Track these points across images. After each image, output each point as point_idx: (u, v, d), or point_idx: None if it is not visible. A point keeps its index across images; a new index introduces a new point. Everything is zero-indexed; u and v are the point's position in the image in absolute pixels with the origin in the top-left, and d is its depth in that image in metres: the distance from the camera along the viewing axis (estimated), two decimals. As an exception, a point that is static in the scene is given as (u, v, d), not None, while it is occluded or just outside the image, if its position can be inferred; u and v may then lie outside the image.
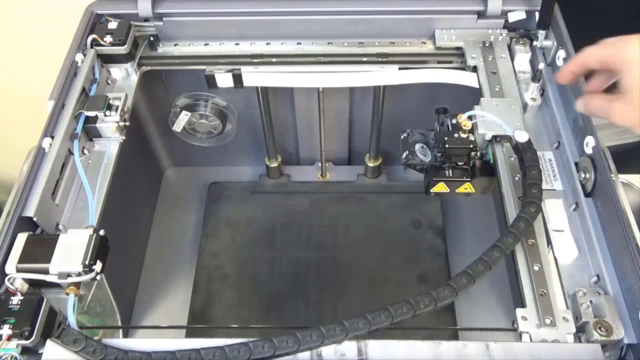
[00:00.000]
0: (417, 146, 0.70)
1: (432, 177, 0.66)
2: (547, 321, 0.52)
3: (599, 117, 0.54)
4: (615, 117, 0.52)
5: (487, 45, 0.76)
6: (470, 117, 0.66)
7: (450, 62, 0.78)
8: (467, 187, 0.66)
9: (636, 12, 0.84)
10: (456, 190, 0.67)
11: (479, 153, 0.66)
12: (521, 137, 0.60)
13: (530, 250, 0.57)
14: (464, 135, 0.65)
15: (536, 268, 0.56)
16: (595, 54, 0.53)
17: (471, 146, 0.65)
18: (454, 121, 0.66)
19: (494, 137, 0.65)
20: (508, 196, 0.63)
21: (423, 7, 0.77)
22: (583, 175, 0.62)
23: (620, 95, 0.50)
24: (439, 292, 0.52)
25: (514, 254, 0.57)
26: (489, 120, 0.64)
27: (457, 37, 0.77)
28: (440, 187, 0.67)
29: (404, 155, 0.68)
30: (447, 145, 0.65)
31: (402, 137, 0.69)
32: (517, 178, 0.63)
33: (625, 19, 0.86)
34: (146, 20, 0.79)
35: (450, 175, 0.66)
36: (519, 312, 0.53)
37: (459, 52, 0.77)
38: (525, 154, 0.60)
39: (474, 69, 0.74)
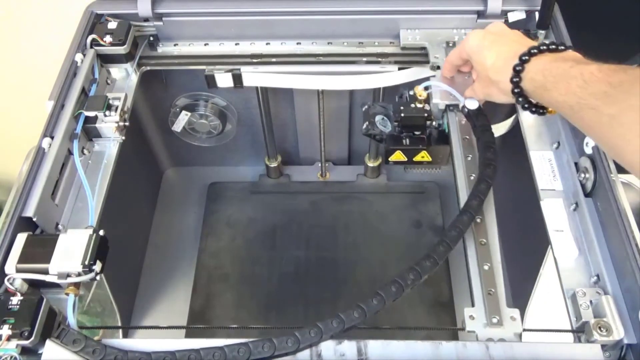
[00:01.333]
0: (378, 117, 0.72)
1: (390, 145, 0.69)
2: (494, 320, 0.52)
3: (477, 98, 0.64)
4: (477, 94, 0.63)
5: (450, 45, 0.76)
6: (426, 88, 0.68)
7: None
8: (423, 156, 0.69)
9: (635, 12, 0.84)
10: (413, 159, 0.70)
11: (435, 123, 0.69)
12: (471, 104, 0.64)
13: (480, 250, 0.57)
14: (419, 105, 0.67)
15: (486, 267, 0.56)
16: (455, 53, 0.65)
17: (426, 115, 0.67)
18: (411, 92, 0.69)
19: (448, 106, 0.68)
20: (458, 162, 0.64)
21: (423, 7, 0.77)
22: (583, 175, 0.62)
23: (475, 75, 0.64)
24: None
25: (466, 252, 0.57)
26: (443, 90, 0.68)
27: (422, 37, 0.78)
28: (398, 156, 0.69)
29: (364, 126, 0.70)
30: (402, 115, 0.67)
31: (363, 109, 0.72)
32: (469, 158, 0.65)
33: (624, 18, 0.86)
34: (146, 20, 0.79)
35: (407, 144, 0.69)
36: (467, 311, 0.53)
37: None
38: (477, 120, 0.63)
39: (438, 68, 0.74)
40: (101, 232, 0.56)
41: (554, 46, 0.53)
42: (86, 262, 0.53)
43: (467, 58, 0.62)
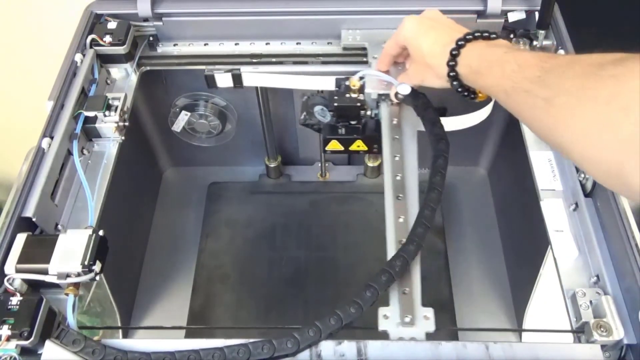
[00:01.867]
0: (317, 108, 0.74)
1: (326, 134, 0.71)
2: (407, 319, 0.52)
3: (411, 83, 0.64)
4: (411, 79, 0.64)
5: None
6: (361, 78, 0.69)
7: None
8: (359, 145, 0.70)
9: (635, 12, 0.84)
10: (350, 148, 0.71)
11: (371, 112, 0.69)
12: (404, 89, 0.64)
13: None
14: (354, 95, 0.68)
15: None
16: (391, 42, 0.65)
17: (359, 104, 0.68)
18: (347, 83, 0.70)
19: (380, 95, 0.68)
20: (386, 149, 0.64)
21: (423, 7, 0.77)
22: (583, 175, 0.61)
23: (409, 62, 0.65)
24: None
25: (387, 251, 0.57)
26: (377, 80, 0.68)
27: (362, 37, 0.77)
28: (335, 145, 0.71)
29: (302, 116, 0.72)
30: (335, 104, 0.68)
31: (302, 100, 0.73)
32: (396, 138, 0.65)
33: (624, 18, 0.86)
34: (145, 20, 0.79)
35: (343, 133, 0.70)
36: (381, 310, 0.53)
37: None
38: (417, 100, 0.64)
39: None
40: (101, 233, 0.57)
41: (487, 34, 0.55)
42: (86, 263, 0.53)
43: (403, 44, 0.62)
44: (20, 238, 0.55)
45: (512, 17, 0.76)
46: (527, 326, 0.86)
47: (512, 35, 0.77)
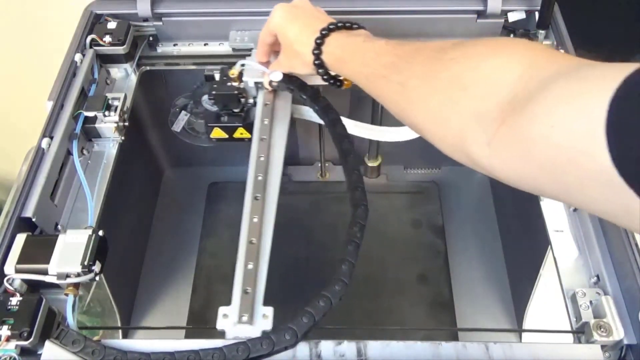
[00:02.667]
0: (205, 97, 0.76)
1: (208, 122, 0.72)
2: (244, 318, 0.52)
3: (282, 70, 0.66)
4: (282, 66, 0.65)
5: None
6: (243, 66, 0.70)
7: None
8: (242, 132, 0.72)
9: (635, 12, 0.84)
10: (233, 136, 0.73)
11: (253, 100, 0.71)
12: (276, 76, 0.66)
13: (249, 249, 0.57)
14: (234, 84, 0.70)
15: (250, 266, 0.55)
16: (264, 31, 0.65)
17: (236, 92, 0.69)
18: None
19: (257, 83, 0.69)
20: (255, 132, 0.66)
21: (423, 7, 0.77)
22: (583, 176, 0.61)
23: (281, 49, 0.65)
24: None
25: (238, 251, 0.56)
26: (254, 68, 0.69)
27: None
28: (218, 133, 0.73)
29: (188, 106, 0.73)
30: (214, 92, 0.70)
31: (193, 88, 0.75)
32: (265, 122, 0.66)
33: (624, 18, 0.86)
34: (145, 20, 0.79)
35: (225, 120, 0.72)
36: (221, 310, 0.53)
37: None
38: (303, 89, 0.65)
39: None
40: (100, 233, 0.56)
41: (349, 24, 0.59)
42: (85, 263, 0.53)
43: (274, 33, 0.64)
44: (20, 238, 0.55)
45: (512, 17, 0.76)
46: (527, 326, 0.86)
47: (512, 35, 0.77)
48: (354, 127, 0.71)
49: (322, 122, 0.68)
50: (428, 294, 0.94)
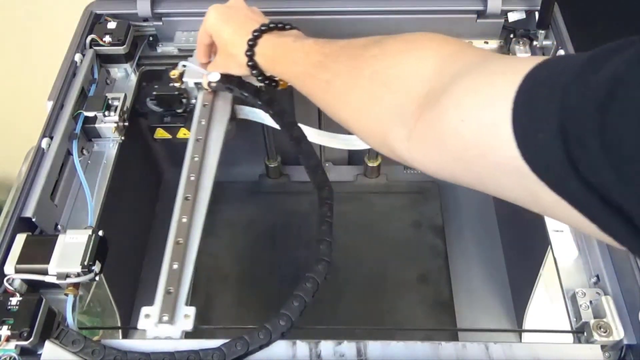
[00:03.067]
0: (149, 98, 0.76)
1: (151, 122, 0.73)
2: (165, 318, 0.52)
3: (218, 71, 0.66)
4: (218, 67, 0.66)
5: None
6: (184, 67, 0.70)
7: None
8: (185, 133, 0.72)
9: (635, 12, 0.84)
10: (177, 136, 0.73)
11: (195, 100, 0.71)
12: (213, 77, 0.66)
13: (175, 249, 0.57)
14: (176, 84, 0.70)
15: (175, 267, 0.55)
16: (200, 32, 0.65)
17: (177, 93, 0.70)
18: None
19: (196, 84, 0.70)
20: (192, 131, 0.66)
21: (423, 7, 0.77)
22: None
23: (217, 50, 0.66)
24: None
25: (165, 251, 0.56)
26: (194, 69, 0.69)
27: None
28: (161, 133, 0.73)
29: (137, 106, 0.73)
30: (155, 93, 0.71)
31: (142, 86, 0.75)
32: (202, 122, 0.66)
33: (624, 18, 0.86)
34: (145, 20, 0.79)
35: (168, 121, 0.72)
36: (143, 310, 0.53)
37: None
38: (242, 86, 0.65)
39: None
40: (100, 233, 0.57)
41: (281, 24, 0.59)
42: (85, 263, 0.53)
43: (210, 34, 0.64)
44: (20, 238, 0.55)
45: (512, 17, 0.76)
46: (527, 326, 0.86)
47: (512, 35, 0.77)
48: (317, 136, 0.71)
49: (264, 122, 0.70)
50: (428, 294, 0.94)
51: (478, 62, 0.36)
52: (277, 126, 0.66)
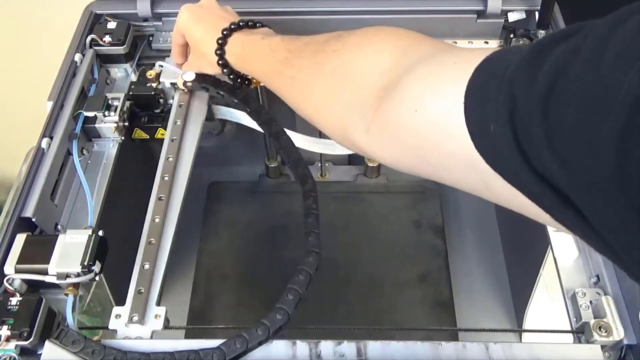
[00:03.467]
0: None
1: (128, 123, 0.73)
2: (135, 318, 0.52)
3: (192, 70, 0.66)
4: (191, 66, 0.66)
5: None
6: (161, 67, 0.71)
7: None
8: (163, 133, 0.72)
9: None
10: (155, 136, 0.73)
11: (173, 101, 0.71)
12: (188, 76, 0.66)
13: (147, 249, 0.57)
14: (153, 84, 0.71)
15: (146, 267, 0.56)
16: (174, 32, 0.66)
17: (153, 93, 0.71)
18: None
19: (172, 84, 0.70)
20: (167, 132, 0.67)
21: (423, 7, 0.77)
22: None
23: (190, 49, 0.66)
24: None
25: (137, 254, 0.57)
26: (170, 70, 0.70)
27: None
28: (139, 134, 0.74)
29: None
30: (130, 93, 0.71)
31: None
32: (178, 123, 0.67)
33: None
34: (145, 20, 0.79)
35: (145, 121, 0.73)
36: (115, 310, 0.53)
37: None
38: (218, 85, 0.65)
39: None
40: (100, 233, 0.56)
41: (251, 22, 0.60)
42: (85, 263, 0.53)
43: (183, 33, 0.64)
44: (20, 238, 0.55)
45: (512, 17, 0.76)
46: (527, 326, 0.86)
47: (512, 35, 0.77)
48: (304, 142, 0.72)
49: (241, 121, 0.71)
50: (428, 294, 0.94)
51: (432, 54, 0.37)
52: (254, 125, 0.67)
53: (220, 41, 0.58)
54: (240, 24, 0.59)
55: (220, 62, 0.59)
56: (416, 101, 0.34)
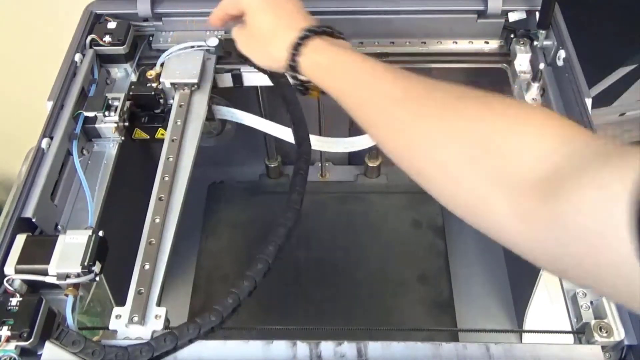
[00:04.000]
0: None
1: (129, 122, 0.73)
2: (135, 319, 0.52)
3: (241, 51, 0.61)
4: (241, 46, 0.60)
5: None
6: (162, 66, 0.71)
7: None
8: (163, 133, 0.72)
9: (635, 13, 0.84)
10: (155, 136, 0.73)
11: (173, 101, 0.71)
12: (212, 42, 0.67)
13: (148, 249, 0.57)
14: (153, 84, 0.70)
15: (146, 267, 0.56)
16: (230, 2, 0.59)
17: (153, 93, 0.70)
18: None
19: (173, 84, 0.70)
20: (167, 132, 0.67)
21: (423, 7, 0.77)
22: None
23: (246, 28, 0.58)
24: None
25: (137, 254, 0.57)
26: (172, 69, 0.70)
27: None
28: (139, 134, 0.73)
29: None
30: (130, 93, 0.71)
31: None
32: (178, 123, 0.67)
33: (624, 19, 0.86)
34: (145, 20, 0.78)
35: (145, 121, 0.72)
36: (115, 310, 0.53)
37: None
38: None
39: None
40: (100, 233, 0.56)
41: (330, 30, 0.54)
42: (85, 263, 0.53)
43: (243, 11, 0.58)
44: (20, 239, 0.55)
45: (513, 17, 0.76)
46: (527, 327, 0.86)
47: (512, 35, 0.77)
48: (316, 142, 0.71)
49: (242, 121, 0.72)
50: (428, 294, 0.94)
51: (601, 152, 0.33)
52: (254, 125, 0.65)
53: (299, 41, 0.52)
54: (324, 28, 0.53)
55: (291, 63, 0.53)
56: (586, 206, 0.31)
